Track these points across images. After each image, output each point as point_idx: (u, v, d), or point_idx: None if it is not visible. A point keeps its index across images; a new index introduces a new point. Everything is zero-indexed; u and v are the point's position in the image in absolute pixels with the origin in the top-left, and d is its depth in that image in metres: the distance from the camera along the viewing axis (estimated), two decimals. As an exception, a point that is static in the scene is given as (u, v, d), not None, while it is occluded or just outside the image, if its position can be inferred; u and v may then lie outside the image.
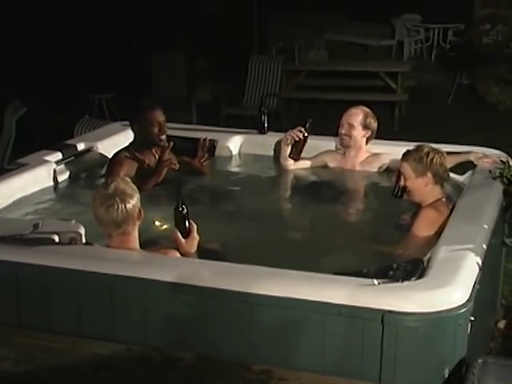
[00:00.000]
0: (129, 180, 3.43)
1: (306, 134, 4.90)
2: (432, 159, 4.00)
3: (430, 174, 3.99)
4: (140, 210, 3.35)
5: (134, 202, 3.30)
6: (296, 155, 4.95)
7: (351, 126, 4.82)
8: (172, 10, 11.60)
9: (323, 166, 5.05)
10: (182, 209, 3.46)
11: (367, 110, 4.90)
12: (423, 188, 4.01)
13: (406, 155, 4.09)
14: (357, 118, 4.82)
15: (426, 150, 4.04)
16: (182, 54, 10.31)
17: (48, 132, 7.41)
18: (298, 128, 4.92)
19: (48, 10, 10.82)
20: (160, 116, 4.66)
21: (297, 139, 4.90)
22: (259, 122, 5.39)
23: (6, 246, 3.45)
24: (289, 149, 4.94)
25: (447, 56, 12.17)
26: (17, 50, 10.47)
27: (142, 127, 4.65)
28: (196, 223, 3.49)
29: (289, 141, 4.93)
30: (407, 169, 4.04)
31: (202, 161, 4.82)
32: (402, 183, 4.07)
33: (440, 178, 4.03)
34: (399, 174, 4.13)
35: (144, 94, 9.88)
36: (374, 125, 4.86)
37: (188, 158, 4.87)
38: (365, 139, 4.87)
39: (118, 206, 3.25)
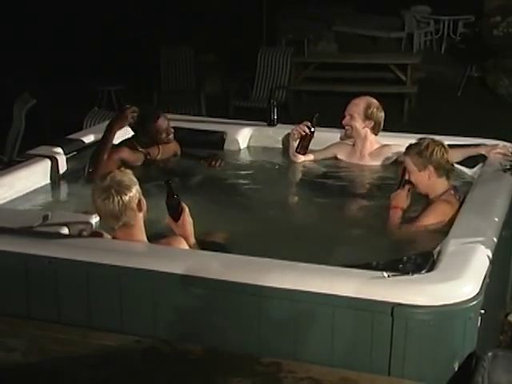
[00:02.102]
0: (128, 171, 3.40)
1: (312, 129, 4.89)
2: (432, 152, 3.99)
3: (431, 167, 3.98)
4: (140, 201, 3.32)
5: (131, 193, 3.27)
6: (302, 150, 4.96)
7: (351, 117, 4.82)
8: (181, 2, 11.59)
9: (333, 158, 5.04)
10: (174, 198, 3.44)
11: (371, 100, 4.87)
12: (427, 181, 4.01)
13: (408, 149, 4.11)
14: (357, 109, 4.81)
15: (425, 142, 4.04)
16: (191, 47, 10.30)
17: (57, 124, 7.42)
18: (305, 123, 4.92)
19: (58, 1, 10.83)
20: (165, 122, 4.72)
21: (303, 134, 4.90)
22: (268, 115, 5.38)
23: (15, 237, 3.46)
24: (296, 144, 4.95)
25: (457, 48, 12.12)
26: (26, 42, 10.48)
27: (149, 136, 4.71)
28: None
29: (296, 136, 4.94)
30: (409, 163, 4.05)
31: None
32: (406, 177, 4.09)
33: (443, 170, 4.02)
34: (404, 168, 4.14)
35: (153, 86, 9.88)
36: (379, 115, 4.83)
37: (200, 158, 4.94)
38: (368, 130, 4.85)
39: (114, 198, 3.23)
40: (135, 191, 3.30)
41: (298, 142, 4.95)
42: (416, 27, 12.60)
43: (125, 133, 5.03)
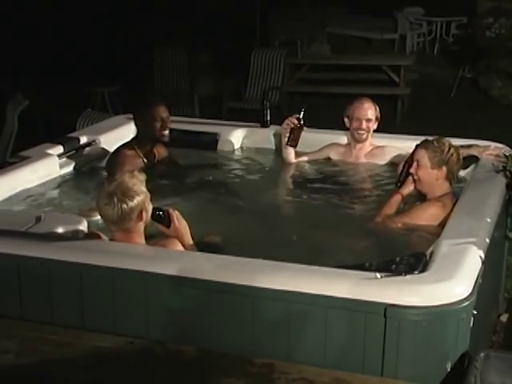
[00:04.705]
0: (140, 177, 3.32)
1: (301, 121, 4.90)
2: (452, 154, 4.01)
3: (445, 169, 3.99)
4: (142, 211, 3.27)
5: (133, 203, 3.22)
6: (293, 142, 4.93)
7: (369, 121, 4.84)
8: (174, 3, 11.59)
9: (327, 159, 5.05)
10: (156, 213, 3.43)
11: (372, 101, 4.93)
12: (434, 181, 4.01)
13: (426, 144, 4.07)
14: (373, 113, 4.85)
15: (447, 143, 4.05)
16: (185, 48, 10.30)
17: (50, 125, 7.41)
18: (294, 115, 4.92)
19: (50, 3, 10.82)
20: (163, 112, 4.69)
21: (292, 125, 4.90)
22: (261, 116, 5.38)
23: (8, 238, 3.45)
24: (286, 137, 4.94)
25: (450, 49, 12.15)
26: (19, 43, 10.46)
27: (144, 122, 4.68)
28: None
29: (286, 129, 4.93)
30: (424, 157, 4.02)
31: None
32: (412, 170, 4.06)
33: (452, 176, 4.03)
34: (408, 164, 4.13)
35: (146, 87, 9.88)
36: (379, 115, 4.90)
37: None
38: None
39: (115, 206, 3.21)
40: (138, 201, 3.24)
41: (288, 134, 4.94)
42: (409, 28, 12.63)
43: (119, 134, 5.04)
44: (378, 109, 4.88)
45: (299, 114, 4.91)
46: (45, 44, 10.74)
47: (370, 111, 4.84)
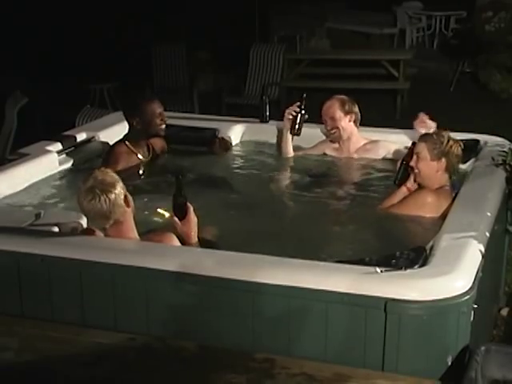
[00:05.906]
0: (107, 170, 3.39)
1: (303, 109, 4.90)
2: (451, 147, 4.04)
3: (444, 161, 4.02)
4: (126, 197, 3.32)
5: (116, 190, 3.27)
6: (296, 131, 4.94)
7: (333, 119, 4.86)
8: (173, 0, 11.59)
9: (322, 155, 5.06)
10: (182, 196, 3.42)
11: (341, 97, 4.93)
12: (434, 173, 4.03)
13: (426, 137, 4.12)
14: (334, 110, 4.85)
15: (446, 135, 4.08)
16: (184, 44, 10.29)
17: (49, 122, 7.40)
18: (295, 104, 4.93)
19: (50, 2, 10.81)
20: (159, 106, 4.73)
21: (294, 114, 4.90)
22: (261, 111, 5.38)
23: (8, 235, 3.45)
24: (289, 127, 4.94)
25: (449, 44, 12.13)
26: (17, 40, 10.45)
27: (143, 119, 4.68)
28: (197, 212, 3.47)
29: (290, 117, 4.92)
30: (424, 149, 4.06)
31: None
32: (412, 163, 4.08)
33: (452, 168, 4.06)
34: (406, 161, 4.14)
35: (146, 84, 9.87)
36: (355, 108, 4.89)
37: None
38: (352, 123, 4.88)
39: (101, 197, 3.23)
40: (120, 188, 3.30)
41: (290, 124, 4.94)
42: (408, 23, 12.62)
43: (117, 130, 5.04)
44: (347, 105, 4.85)
45: (300, 102, 4.91)
46: (44, 41, 10.73)
47: (331, 110, 4.85)
